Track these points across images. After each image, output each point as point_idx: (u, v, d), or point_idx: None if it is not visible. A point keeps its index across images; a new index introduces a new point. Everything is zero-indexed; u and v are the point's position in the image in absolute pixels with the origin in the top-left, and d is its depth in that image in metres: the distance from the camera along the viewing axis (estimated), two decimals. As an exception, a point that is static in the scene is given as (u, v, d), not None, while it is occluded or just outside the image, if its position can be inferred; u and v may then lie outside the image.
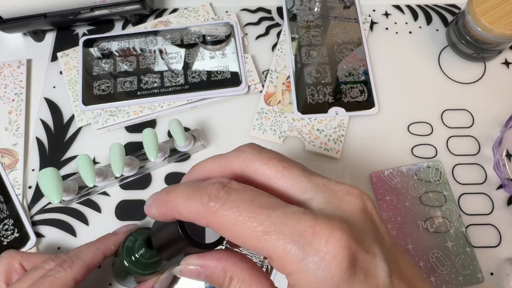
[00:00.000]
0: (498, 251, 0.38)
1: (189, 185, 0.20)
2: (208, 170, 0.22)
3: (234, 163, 0.21)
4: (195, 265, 0.20)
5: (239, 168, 0.20)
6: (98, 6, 0.44)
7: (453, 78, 0.45)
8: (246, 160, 0.20)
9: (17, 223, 0.39)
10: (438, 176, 0.40)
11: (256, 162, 0.20)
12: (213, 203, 0.18)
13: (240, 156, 0.21)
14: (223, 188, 0.18)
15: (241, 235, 0.17)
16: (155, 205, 0.20)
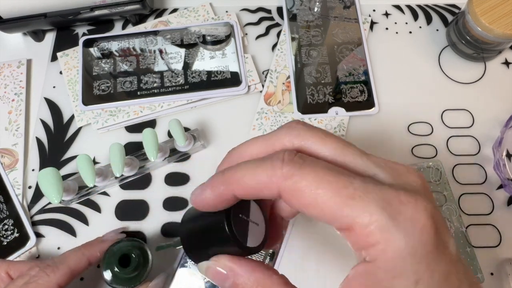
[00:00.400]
0: (498, 251, 0.38)
1: (252, 161, 0.18)
2: (251, 153, 0.20)
3: (285, 140, 0.19)
4: (226, 267, 0.19)
5: (291, 145, 0.19)
6: (98, 6, 0.44)
7: (453, 78, 0.45)
8: (299, 137, 0.19)
9: (17, 223, 0.39)
10: (438, 176, 0.40)
11: (311, 138, 0.18)
12: (289, 168, 0.17)
13: (291, 132, 0.19)
14: (295, 155, 0.17)
15: (320, 201, 0.16)
16: (210, 187, 0.19)
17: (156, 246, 0.25)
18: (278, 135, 0.19)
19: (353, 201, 0.16)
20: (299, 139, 0.19)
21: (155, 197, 0.40)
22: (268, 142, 0.19)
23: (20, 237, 0.38)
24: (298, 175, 0.16)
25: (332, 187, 0.16)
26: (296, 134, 0.19)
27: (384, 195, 0.16)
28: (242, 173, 0.18)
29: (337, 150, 0.18)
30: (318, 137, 0.18)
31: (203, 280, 0.36)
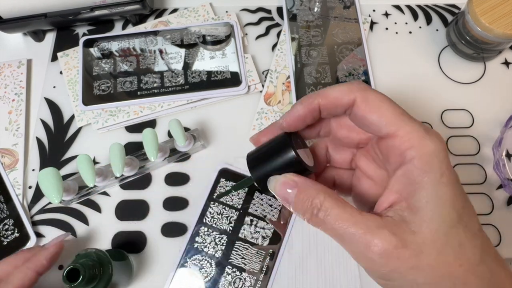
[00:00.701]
0: (498, 251, 0.38)
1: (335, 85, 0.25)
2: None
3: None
4: (293, 181, 0.24)
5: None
6: (98, 6, 0.44)
7: (453, 78, 0.45)
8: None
9: (17, 223, 0.39)
10: (438, 176, 0.40)
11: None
12: (363, 85, 0.24)
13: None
14: (361, 82, 0.24)
15: (381, 111, 0.23)
16: (299, 104, 0.25)
17: (216, 195, 0.31)
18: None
19: (403, 117, 0.22)
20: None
21: (155, 197, 0.40)
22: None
23: (20, 237, 0.38)
24: (370, 91, 0.23)
25: (391, 105, 0.23)
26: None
27: (419, 122, 0.22)
28: (328, 89, 0.24)
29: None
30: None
31: (203, 280, 0.37)
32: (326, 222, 0.22)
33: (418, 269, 0.20)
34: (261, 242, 0.38)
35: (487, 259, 0.21)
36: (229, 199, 0.39)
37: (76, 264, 0.30)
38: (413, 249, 0.20)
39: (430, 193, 0.20)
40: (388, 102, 0.23)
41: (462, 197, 0.21)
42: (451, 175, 0.21)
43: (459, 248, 0.20)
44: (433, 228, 0.20)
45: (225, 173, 0.40)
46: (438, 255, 0.20)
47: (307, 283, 0.37)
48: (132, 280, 0.37)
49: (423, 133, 0.21)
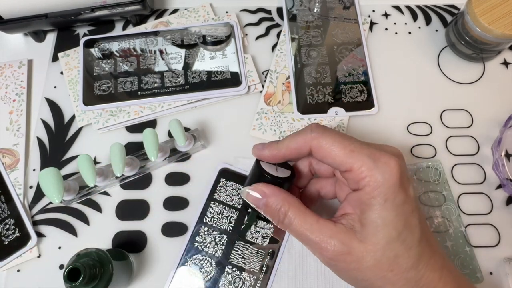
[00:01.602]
0: (497, 250, 0.38)
1: (292, 134, 0.30)
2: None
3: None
4: (261, 190, 0.29)
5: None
6: (98, 7, 0.44)
7: (452, 78, 0.45)
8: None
9: (18, 223, 0.39)
10: (437, 176, 0.40)
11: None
12: (315, 133, 0.28)
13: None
14: (319, 126, 0.28)
15: (333, 152, 0.27)
16: (267, 149, 0.30)
17: (241, 233, 0.38)
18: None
19: (353, 153, 0.26)
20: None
21: (156, 197, 0.40)
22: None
23: (21, 237, 0.38)
24: (321, 137, 0.27)
25: (340, 145, 0.27)
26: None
27: (371, 151, 0.26)
28: (288, 141, 0.29)
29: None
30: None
31: (203, 279, 0.37)
32: (291, 228, 0.28)
33: (358, 270, 0.26)
34: (261, 241, 0.38)
35: (420, 265, 0.26)
36: (229, 199, 0.39)
37: (76, 263, 0.30)
38: (356, 255, 0.26)
39: (375, 214, 0.26)
40: (338, 143, 0.27)
41: (405, 216, 0.26)
42: (396, 199, 0.25)
43: (394, 258, 0.25)
44: (375, 241, 0.25)
45: (225, 173, 0.40)
46: (375, 262, 0.25)
47: (307, 282, 0.37)
48: (133, 279, 0.37)
49: (371, 164, 0.26)
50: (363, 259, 0.25)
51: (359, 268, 0.26)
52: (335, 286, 0.36)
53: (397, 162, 0.26)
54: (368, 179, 0.26)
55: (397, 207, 0.25)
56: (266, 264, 0.37)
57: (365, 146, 0.27)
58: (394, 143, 0.42)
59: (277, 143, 0.30)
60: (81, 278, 0.29)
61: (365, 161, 0.26)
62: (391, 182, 0.25)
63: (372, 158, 0.26)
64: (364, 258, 0.25)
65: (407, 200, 0.26)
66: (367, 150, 0.26)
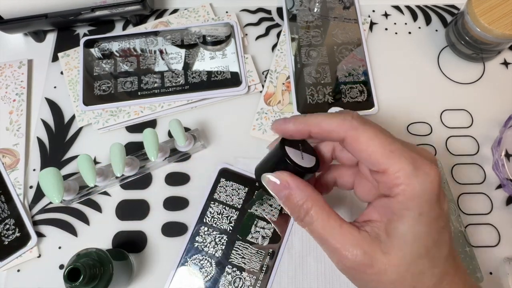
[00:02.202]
0: (497, 250, 0.38)
1: (326, 113, 0.26)
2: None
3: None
4: (285, 180, 0.26)
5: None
6: (98, 7, 0.44)
7: (452, 78, 0.45)
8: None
9: (18, 223, 0.39)
10: (437, 176, 0.40)
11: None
12: (356, 122, 0.24)
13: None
14: (359, 116, 0.25)
15: (371, 148, 0.24)
16: (292, 122, 0.26)
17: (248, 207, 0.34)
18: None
19: (392, 154, 0.23)
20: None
21: (156, 197, 0.40)
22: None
23: (21, 237, 0.38)
24: (361, 128, 0.24)
25: (381, 142, 0.23)
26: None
27: (413, 156, 0.23)
28: (321, 119, 0.25)
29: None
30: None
31: (203, 279, 0.37)
32: (310, 228, 0.25)
33: (378, 282, 0.24)
34: (261, 241, 0.38)
35: (444, 283, 0.24)
36: (229, 199, 0.39)
37: (76, 263, 0.30)
38: (378, 268, 0.23)
39: (406, 227, 0.23)
40: (379, 140, 0.24)
41: (436, 232, 0.24)
42: (431, 213, 0.23)
43: (418, 275, 0.23)
44: (400, 255, 0.23)
45: (225, 173, 0.40)
46: (397, 277, 0.23)
47: (307, 282, 0.37)
48: (133, 279, 0.37)
49: (411, 172, 0.23)
50: (385, 272, 0.23)
51: (379, 280, 0.24)
52: (335, 286, 0.36)
53: (438, 174, 0.23)
54: (403, 187, 0.23)
55: (431, 222, 0.23)
56: (266, 264, 0.37)
57: (407, 149, 0.24)
58: (394, 143, 0.42)
59: (306, 117, 0.26)
60: (81, 278, 0.29)
61: (404, 166, 0.23)
62: (429, 195, 0.23)
63: (413, 165, 0.23)
64: (387, 271, 0.23)
65: (441, 215, 0.24)
66: (409, 154, 0.23)
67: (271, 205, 0.39)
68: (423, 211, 0.23)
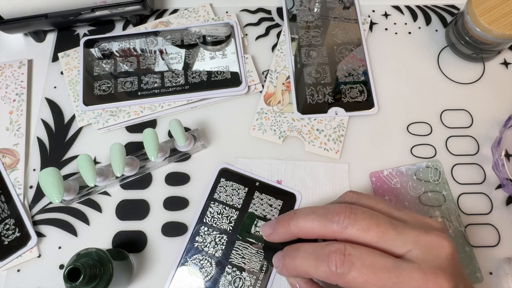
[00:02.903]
0: (497, 250, 0.38)
1: (311, 252, 0.25)
2: (308, 230, 0.26)
3: (335, 232, 0.25)
4: (299, 285, 0.28)
5: (341, 236, 0.25)
6: (99, 7, 0.44)
7: (452, 78, 0.45)
8: (347, 229, 0.24)
9: (18, 223, 0.39)
10: (437, 176, 0.40)
11: (357, 231, 0.24)
12: (341, 271, 0.23)
13: (339, 226, 0.25)
14: (344, 257, 0.23)
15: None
16: (286, 270, 0.26)
17: (243, 232, 0.34)
18: (329, 226, 0.25)
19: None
20: (348, 231, 0.24)
21: (156, 197, 0.40)
22: (323, 228, 0.25)
23: (21, 237, 0.38)
24: (349, 276, 0.23)
25: (376, 286, 0.22)
26: (345, 227, 0.25)
27: (415, 285, 0.22)
28: (307, 267, 0.25)
29: (378, 238, 0.24)
30: (362, 229, 0.24)
31: (203, 279, 0.37)
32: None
33: None
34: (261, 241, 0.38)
35: None
36: (229, 199, 0.39)
37: (77, 263, 0.30)
38: None
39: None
40: (372, 281, 0.23)
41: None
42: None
43: None
44: None
45: (225, 173, 0.40)
46: None
47: (307, 282, 0.37)
48: (133, 279, 0.37)
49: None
50: None
51: None
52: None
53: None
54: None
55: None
56: (266, 264, 0.37)
57: (406, 275, 0.23)
58: (394, 143, 0.42)
59: (292, 260, 0.26)
60: (81, 278, 0.29)
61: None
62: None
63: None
64: None
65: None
66: (411, 284, 0.22)
67: (271, 205, 0.39)
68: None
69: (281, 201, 0.39)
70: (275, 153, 0.42)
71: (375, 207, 0.27)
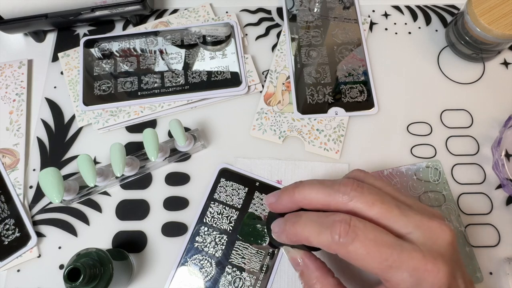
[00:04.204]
0: (497, 250, 0.38)
1: (314, 220, 0.25)
2: (312, 199, 0.26)
3: (339, 200, 0.25)
4: (300, 259, 0.27)
5: (345, 208, 0.25)
6: (99, 7, 0.44)
7: (452, 78, 0.45)
8: (351, 201, 0.24)
9: (18, 223, 0.39)
10: (437, 176, 0.40)
11: (361, 204, 0.24)
12: (344, 240, 0.23)
13: (344, 197, 0.25)
14: (349, 227, 0.23)
15: (367, 265, 0.23)
16: (285, 235, 0.26)
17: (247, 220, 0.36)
18: (334, 196, 0.25)
19: (391, 269, 0.22)
20: (352, 202, 0.25)
21: (156, 197, 0.40)
22: (328, 198, 0.25)
23: (21, 237, 0.38)
24: (351, 246, 0.23)
25: (376, 260, 0.23)
26: (350, 198, 0.25)
27: (414, 264, 0.22)
28: (308, 234, 0.25)
29: (381, 214, 0.24)
30: (366, 203, 0.24)
31: (203, 279, 0.37)
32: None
33: None
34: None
35: None
36: (229, 199, 0.39)
37: (76, 263, 0.30)
38: None
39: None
40: (373, 257, 0.23)
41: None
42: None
43: None
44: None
45: (225, 173, 0.40)
46: None
47: (307, 282, 0.37)
48: (133, 279, 0.37)
49: (412, 284, 0.22)
50: None
51: None
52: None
53: (446, 277, 0.22)
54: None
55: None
56: (266, 264, 0.37)
57: (407, 255, 0.22)
58: (394, 143, 0.42)
59: (294, 226, 0.26)
60: (81, 278, 0.29)
61: (406, 278, 0.22)
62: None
63: (414, 277, 0.22)
64: None
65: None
66: (409, 264, 0.22)
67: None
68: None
69: (281, 201, 0.39)
70: (275, 153, 0.42)
71: (382, 188, 0.27)
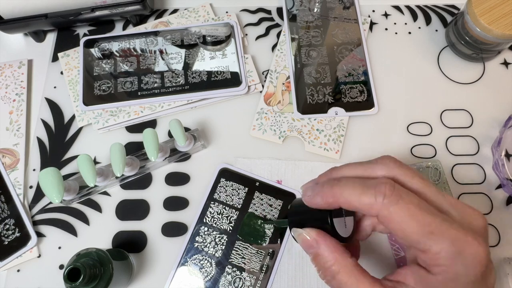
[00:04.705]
0: (497, 250, 0.38)
1: (356, 181, 0.24)
2: (351, 175, 0.26)
3: (379, 173, 0.25)
4: (314, 238, 0.25)
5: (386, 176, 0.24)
6: (98, 7, 0.44)
7: (452, 78, 0.45)
8: (392, 173, 0.24)
9: (18, 223, 0.39)
10: (437, 176, 0.40)
11: (402, 176, 0.24)
12: (388, 201, 0.22)
13: (384, 168, 0.25)
14: (394, 189, 0.23)
15: (407, 229, 0.22)
16: (320, 196, 0.25)
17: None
18: (374, 168, 0.25)
19: (432, 235, 0.22)
20: (393, 174, 0.24)
21: (156, 197, 0.40)
22: (366, 171, 0.25)
23: (21, 237, 0.38)
24: (395, 209, 0.22)
25: (419, 224, 0.22)
26: (389, 170, 0.25)
27: (455, 235, 0.22)
28: (349, 193, 0.24)
29: (422, 188, 0.24)
30: (408, 177, 0.24)
31: (203, 279, 0.37)
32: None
33: None
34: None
35: None
36: (229, 199, 0.39)
37: (77, 263, 0.30)
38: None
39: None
40: (415, 220, 0.22)
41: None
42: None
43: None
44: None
45: (225, 173, 0.40)
46: None
47: (307, 282, 0.37)
48: (133, 279, 0.37)
49: (453, 254, 0.21)
50: None
51: None
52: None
53: (486, 252, 0.22)
54: (444, 269, 0.22)
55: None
56: (266, 264, 0.37)
57: (448, 225, 0.22)
58: (394, 143, 0.42)
59: (335, 188, 0.24)
60: (81, 278, 0.29)
61: (446, 247, 0.22)
62: (474, 276, 0.22)
63: (456, 247, 0.21)
64: None
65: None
66: (451, 234, 0.22)
67: (271, 205, 0.39)
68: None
69: (281, 201, 0.39)
70: (275, 153, 0.42)
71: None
